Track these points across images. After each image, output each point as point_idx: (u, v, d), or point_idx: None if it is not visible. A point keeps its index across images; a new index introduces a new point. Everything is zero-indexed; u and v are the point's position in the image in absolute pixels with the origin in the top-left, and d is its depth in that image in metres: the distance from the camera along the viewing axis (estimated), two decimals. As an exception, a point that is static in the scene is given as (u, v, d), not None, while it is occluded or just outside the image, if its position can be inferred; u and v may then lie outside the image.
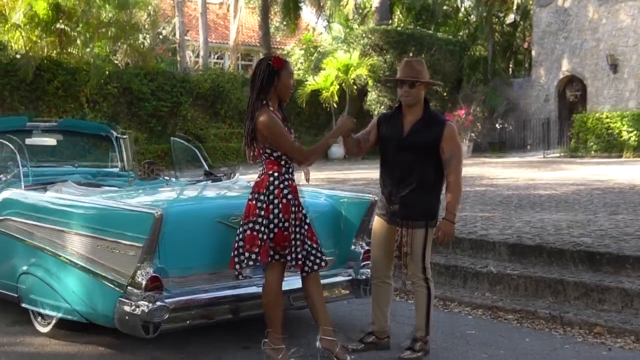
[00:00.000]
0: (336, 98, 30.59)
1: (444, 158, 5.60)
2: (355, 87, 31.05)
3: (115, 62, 29.88)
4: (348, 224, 6.77)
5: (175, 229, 5.70)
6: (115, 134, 9.85)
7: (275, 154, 5.53)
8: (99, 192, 6.85)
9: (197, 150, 9.03)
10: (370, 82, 31.17)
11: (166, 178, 7.97)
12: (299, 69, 35.33)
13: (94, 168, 9.31)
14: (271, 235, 5.49)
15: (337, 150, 27.64)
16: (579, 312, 7.04)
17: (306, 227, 5.66)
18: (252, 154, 5.67)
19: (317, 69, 32.70)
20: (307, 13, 43.70)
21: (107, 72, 26.60)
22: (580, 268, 7.90)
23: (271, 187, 5.52)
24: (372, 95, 31.86)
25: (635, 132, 27.50)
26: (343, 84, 30.66)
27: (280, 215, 5.49)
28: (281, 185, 5.52)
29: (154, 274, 5.40)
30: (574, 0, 32.59)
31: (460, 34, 39.24)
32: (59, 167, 8.96)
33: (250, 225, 5.51)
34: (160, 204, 6.25)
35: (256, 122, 5.49)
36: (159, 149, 25.30)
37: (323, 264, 5.70)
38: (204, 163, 8.79)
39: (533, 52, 34.73)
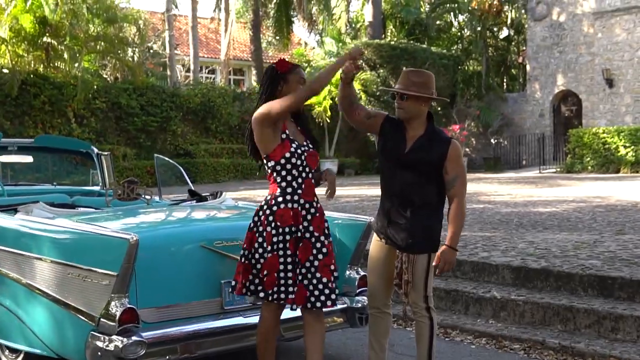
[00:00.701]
0: (329, 113, 30.28)
1: (447, 179, 5.11)
2: (348, 102, 30.58)
3: (104, 76, 29.52)
4: (342, 248, 6.25)
5: (153, 255, 5.23)
6: (95, 150, 9.34)
7: (277, 168, 4.94)
8: (72, 215, 6.34)
9: (181, 168, 8.52)
10: (364, 97, 30.91)
11: (147, 198, 7.43)
12: None
13: (74, 187, 8.87)
14: (257, 267, 4.96)
15: (332, 167, 27.25)
16: (591, 343, 6.55)
17: (319, 257, 5.01)
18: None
19: (309, 84, 32.21)
20: (300, 28, 43.48)
21: (94, 87, 26.29)
22: (590, 294, 7.41)
23: (260, 213, 4.98)
24: None
25: (632, 147, 27.18)
26: (336, 99, 30.16)
27: (265, 245, 4.93)
28: (268, 211, 4.94)
29: (129, 306, 4.88)
30: (568, 14, 32.50)
31: (454, 48, 39.06)
32: (36, 186, 8.57)
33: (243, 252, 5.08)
34: (137, 228, 5.78)
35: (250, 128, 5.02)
36: (148, 164, 24.87)
37: (329, 302, 5.00)
38: (189, 182, 8.29)
39: (528, 67, 34.53)
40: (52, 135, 20.75)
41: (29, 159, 8.68)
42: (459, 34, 41.04)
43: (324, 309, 5.04)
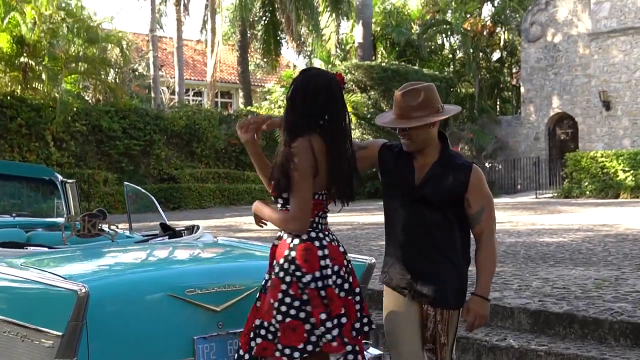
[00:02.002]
0: (318, 136, 29.40)
1: (470, 213, 4.09)
2: (338, 125, 29.95)
3: (86, 98, 28.74)
4: (339, 293, 5.29)
5: (109, 308, 4.26)
6: (60, 178, 8.39)
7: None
8: (19, 256, 5.34)
9: (153, 198, 7.52)
10: (354, 120, 30.21)
11: (112, 233, 6.41)
12: (279, 107, 34.62)
13: (36, 218, 7.90)
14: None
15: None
16: (630, 404, 5.58)
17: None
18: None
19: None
20: (288, 51, 42.94)
21: (74, 109, 25.64)
22: (623, 344, 6.44)
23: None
24: (355, 134, 30.92)
25: (632, 172, 26.51)
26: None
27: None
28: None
29: (77, 374, 3.90)
30: (563, 35, 32.09)
31: (446, 70, 38.51)
32: (-8, 218, 7.56)
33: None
34: (91, 274, 4.78)
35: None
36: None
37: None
38: (162, 214, 7.29)
39: (522, 89, 34.00)
40: (10, 161, 19.80)
41: (-18, 187, 7.73)
42: (450, 55, 40.62)
43: None
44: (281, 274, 3.91)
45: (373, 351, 4.81)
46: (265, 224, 4.17)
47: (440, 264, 4.09)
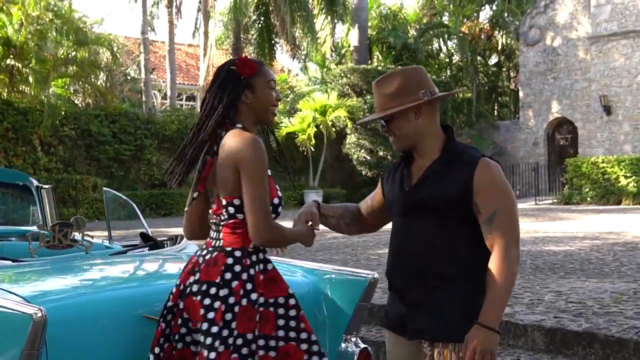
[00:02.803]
0: (313, 141, 29.22)
1: (481, 220, 3.13)
2: (333, 129, 29.48)
3: (76, 102, 28.14)
4: (336, 313, 4.56)
5: (73, 333, 3.64)
6: (35, 183, 7.77)
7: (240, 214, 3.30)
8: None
9: (134, 205, 6.89)
10: (349, 125, 29.80)
11: (86, 244, 5.76)
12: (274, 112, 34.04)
13: (9, 226, 7.30)
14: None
15: (315, 197, 25.83)
16: None
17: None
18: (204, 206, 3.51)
19: (293, 111, 31.23)
20: (283, 56, 42.47)
21: (62, 113, 25.09)
22: (651, 367, 5.82)
23: (227, 275, 3.30)
24: (351, 139, 30.66)
25: (634, 178, 26.06)
26: (320, 126, 29.19)
27: (235, 331, 3.27)
28: (245, 275, 3.30)
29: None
30: (563, 39, 31.73)
31: (443, 74, 38.05)
32: (-40, 226, 7.02)
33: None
34: (54, 293, 4.16)
35: (222, 152, 3.30)
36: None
37: None
38: (144, 223, 6.65)
39: (520, 94, 33.63)
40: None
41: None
42: (447, 59, 40.17)
43: None
44: None
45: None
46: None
47: (441, 290, 3.18)
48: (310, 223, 3.47)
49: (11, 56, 24.19)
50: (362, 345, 4.50)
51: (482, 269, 3.12)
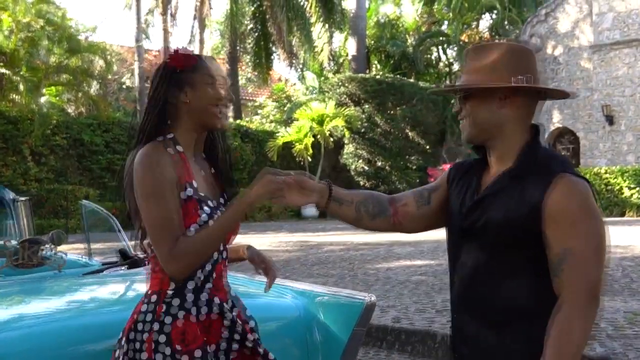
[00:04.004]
0: (310, 151, 28.81)
1: (550, 258, 2.39)
2: (331, 139, 29.07)
3: (69, 111, 27.71)
4: (330, 339, 4.03)
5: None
6: (10, 195, 7.26)
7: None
8: None
9: (115, 220, 6.36)
10: (347, 134, 29.41)
11: (59, 262, 5.23)
12: (271, 122, 33.98)
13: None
14: None
15: (311, 208, 25.54)
16: None
17: None
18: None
19: (290, 120, 30.91)
20: (280, 65, 42.19)
21: (54, 122, 24.65)
22: (678, 400, 5.28)
23: (139, 326, 2.76)
24: (349, 148, 30.36)
25: (637, 189, 25.85)
26: (318, 136, 28.77)
27: None
28: (156, 325, 2.75)
29: None
30: (564, 48, 31.44)
31: (443, 83, 37.56)
32: None
33: None
34: (12, 322, 3.70)
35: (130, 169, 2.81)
36: (113, 207, 22.83)
37: None
38: (123, 238, 6.11)
39: (521, 103, 33.04)
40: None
41: None
42: (447, 68, 39.80)
43: None
44: None
45: None
46: None
47: (496, 335, 2.50)
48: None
49: (1, 64, 23.81)
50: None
51: (549, 309, 2.39)
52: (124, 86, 35.67)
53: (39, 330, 3.61)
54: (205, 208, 2.71)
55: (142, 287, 4.56)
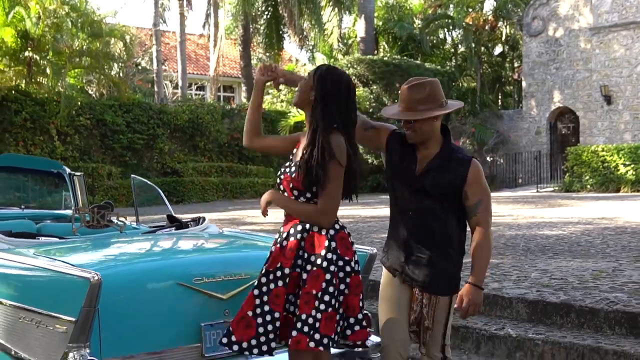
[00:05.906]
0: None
1: (468, 205, 4.27)
2: (340, 119, 29.91)
3: (90, 93, 28.75)
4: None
5: (120, 296, 4.35)
6: (67, 170, 8.52)
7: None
8: (31, 246, 5.49)
9: (159, 190, 7.67)
10: (357, 114, 30.08)
11: (120, 224, 6.54)
12: (282, 101, 34.55)
13: (44, 210, 8.04)
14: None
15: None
16: (624, 391, 5.71)
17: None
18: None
19: (301, 100, 31.62)
20: (291, 45, 42.89)
21: (78, 103, 25.59)
22: (618, 332, 6.57)
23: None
24: None
25: (632, 166, 26.55)
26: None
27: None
28: None
29: (90, 358, 3.99)
30: (565, 30, 32.03)
31: (448, 64, 38.36)
32: (1, 210, 7.71)
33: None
34: (102, 263, 4.92)
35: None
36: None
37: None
38: (169, 206, 7.43)
39: (523, 84, 33.95)
40: (18, 154, 19.86)
41: (-9, 179, 7.87)
42: (452, 50, 40.46)
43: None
44: (325, 264, 3.92)
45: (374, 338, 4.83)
46: (267, 214, 4.22)
47: (433, 251, 4.27)
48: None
49: (29, 48, 24.73)
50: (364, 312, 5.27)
51: (462, 240, 4.39)
52: (139, 67, 36.60)
53: (139, 267, 4.95)
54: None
55: (193, 241, 5.94)
